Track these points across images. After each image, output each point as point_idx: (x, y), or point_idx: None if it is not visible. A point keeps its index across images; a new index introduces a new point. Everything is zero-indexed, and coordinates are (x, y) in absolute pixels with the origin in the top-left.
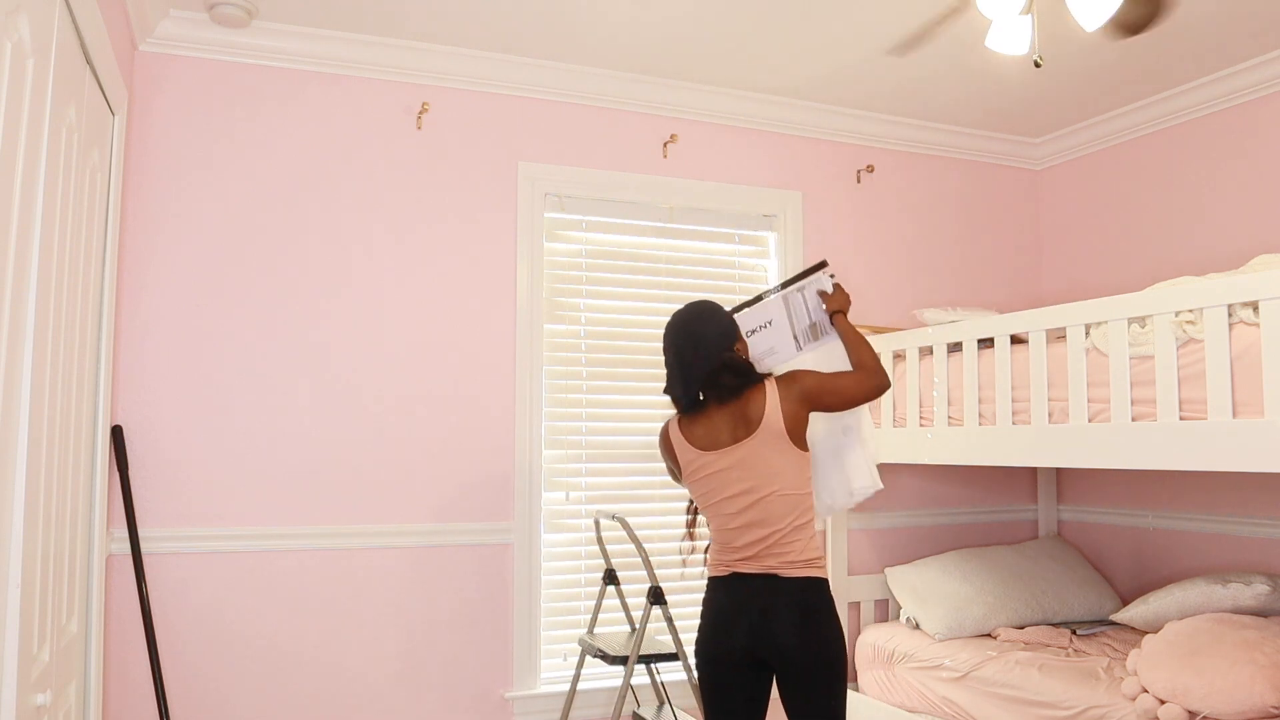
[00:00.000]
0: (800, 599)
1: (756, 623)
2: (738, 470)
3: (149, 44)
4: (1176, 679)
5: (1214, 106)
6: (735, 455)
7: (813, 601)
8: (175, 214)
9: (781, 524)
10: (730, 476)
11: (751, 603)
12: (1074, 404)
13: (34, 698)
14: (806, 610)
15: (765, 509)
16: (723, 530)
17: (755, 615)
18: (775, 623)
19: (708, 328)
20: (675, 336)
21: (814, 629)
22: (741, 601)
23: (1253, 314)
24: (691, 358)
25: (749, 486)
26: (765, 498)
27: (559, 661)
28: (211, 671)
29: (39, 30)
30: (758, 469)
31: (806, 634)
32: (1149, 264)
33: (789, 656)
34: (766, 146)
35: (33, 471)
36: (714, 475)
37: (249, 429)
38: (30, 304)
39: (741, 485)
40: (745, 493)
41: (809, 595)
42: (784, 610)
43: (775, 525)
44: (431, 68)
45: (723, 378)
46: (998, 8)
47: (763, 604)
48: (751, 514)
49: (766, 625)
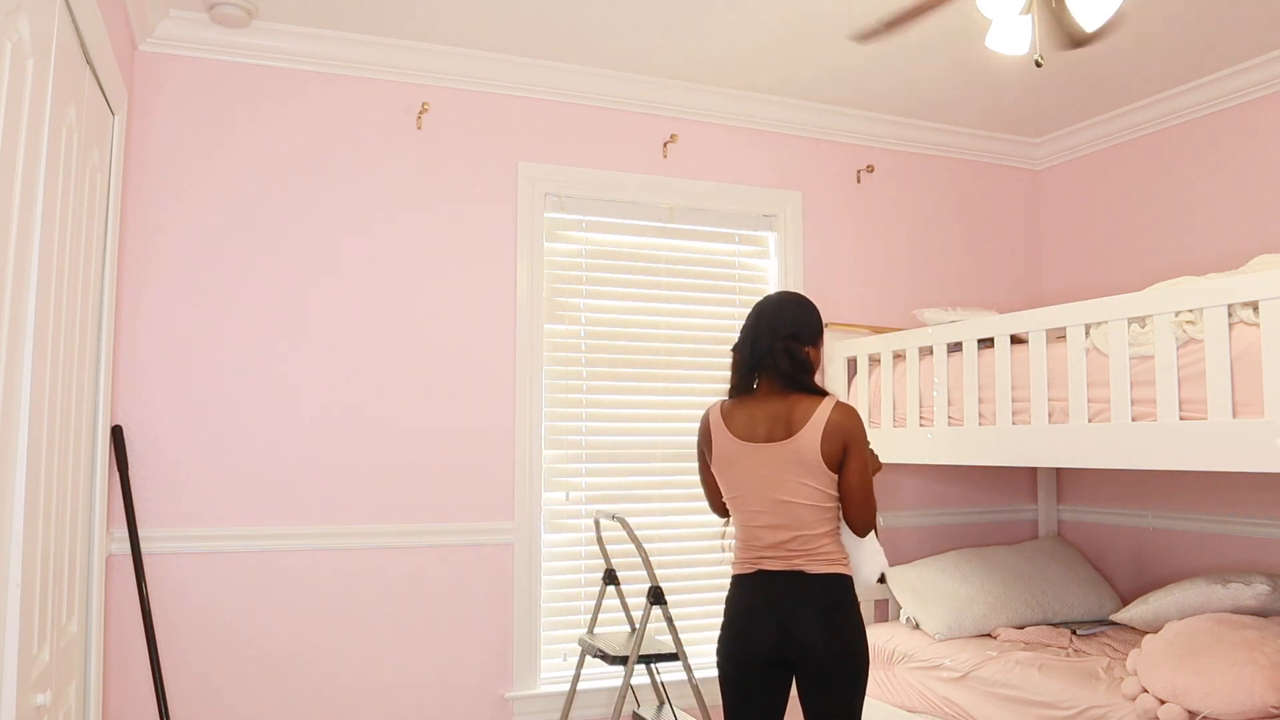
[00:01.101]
0: (825, 595)
1: (784, 622)
2: (767, 469)
3: (149, 44)
4: (1176, 679)
5: (1214, 106)
6: (767, 454)
7: (837, 598)
8: (175, 214)
9: (808, 530)
10: (760, 475)
11: (779, 601)
12: (1074, 404)
13: (34, 698)
14: (831, 607)
15: (792, 515)
16: (747, 527)
17: (783, 614)
18: (800, 620)
19: (794, 313)
20: (758, 309)
21: (838, 626)
22: (768, 600)
23: (1253, 314)
24: (763, 330)
25: (780, 491)
26: (795, 505)
27: (559, 661)
28: (211, 671)
29: (39, 30)
30: (789, 477)
31: (830, 631)
32: (1149, 264)
33: (812, 654)
34: (766, 146)
35: (33, 471)
36: (744, 469)
37: (249, 429)
38: (30, 304)
39: (770, 488)
40: (773, 497)
41: (833, 592)
42: (809, 607)
43: (802, 530)
44: (431, 68)
45: (780, 358)
46: (998, 8)
47: (791, 603)
48: (778, 517)
49: (793, 624)
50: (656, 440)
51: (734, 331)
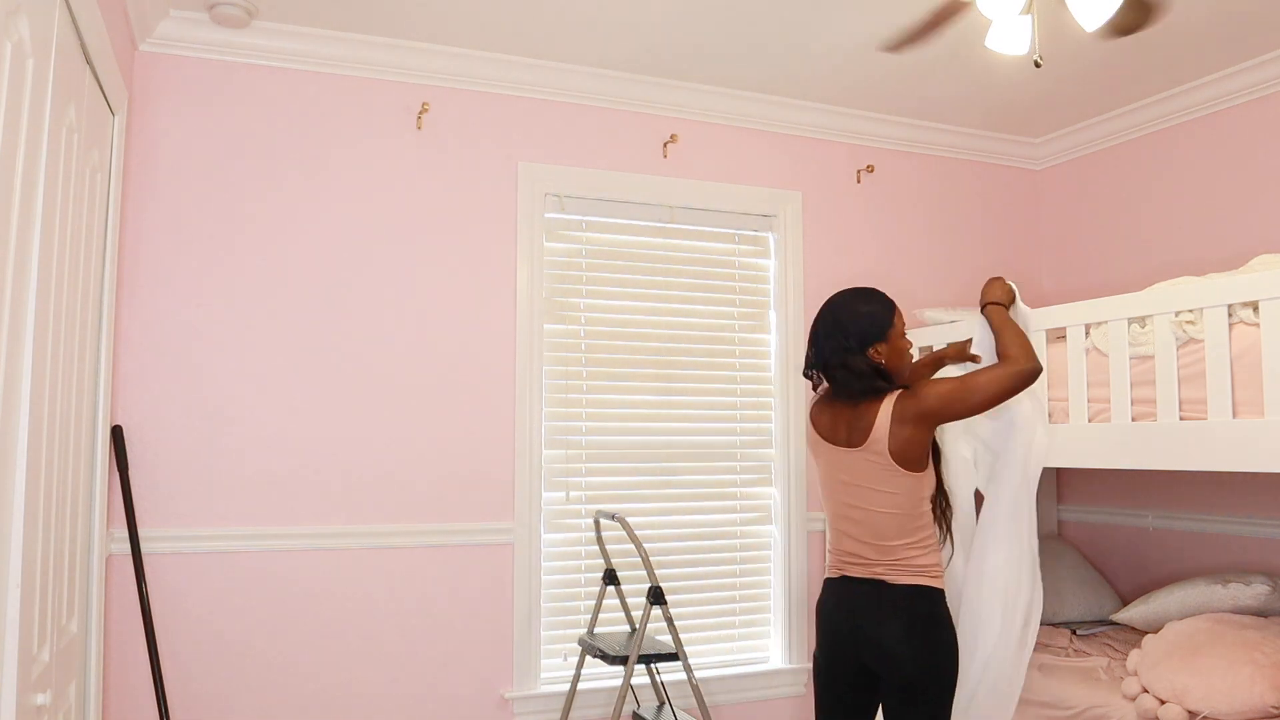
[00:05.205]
0: (908, 606)
1: (863, 630)
2: (846, 475)
3: (149, 44)
4: (1176, 679)
5: (1214, 106)
6: (847, 460)
7: (922, 610)
8: (175, 214)
9: (890, 540)
10: (841, 478)
11: (861, 609)
12: (1074, 404)
13: (34, 698)
14: (914, 618)
15: (873, 523)
16: (834, 529)
17: (863, 623)
18: (884, 631)
19: (851, 317)
20: (821, 315)
21: (922, 639)
22: (851, 608)
23: (1253, 314)
24: (823, 341)
25: (857, 498)
26: (872, 513)
27: (559, 661)
28: (211, 671)
29: (39, 30)
30: (864, 485)
31: (914, 644)
32: (1149, 264)
33: (895, 666)
34: (766, 146)
35: (33, 472)
36: (829, 469)
37: (249, 429)
38: (30, 304)
39: (850, 493)
40: (853, 503)
41: (918, 604)
42: (891, 618)
43: (884, 540)
44: (431, 68)
45: (836, 373)
46: (998, 8)
47: (870, 613)
48: (859, 524)
49: (873, 634)
50: (657, 440)
51: (734, 331)
